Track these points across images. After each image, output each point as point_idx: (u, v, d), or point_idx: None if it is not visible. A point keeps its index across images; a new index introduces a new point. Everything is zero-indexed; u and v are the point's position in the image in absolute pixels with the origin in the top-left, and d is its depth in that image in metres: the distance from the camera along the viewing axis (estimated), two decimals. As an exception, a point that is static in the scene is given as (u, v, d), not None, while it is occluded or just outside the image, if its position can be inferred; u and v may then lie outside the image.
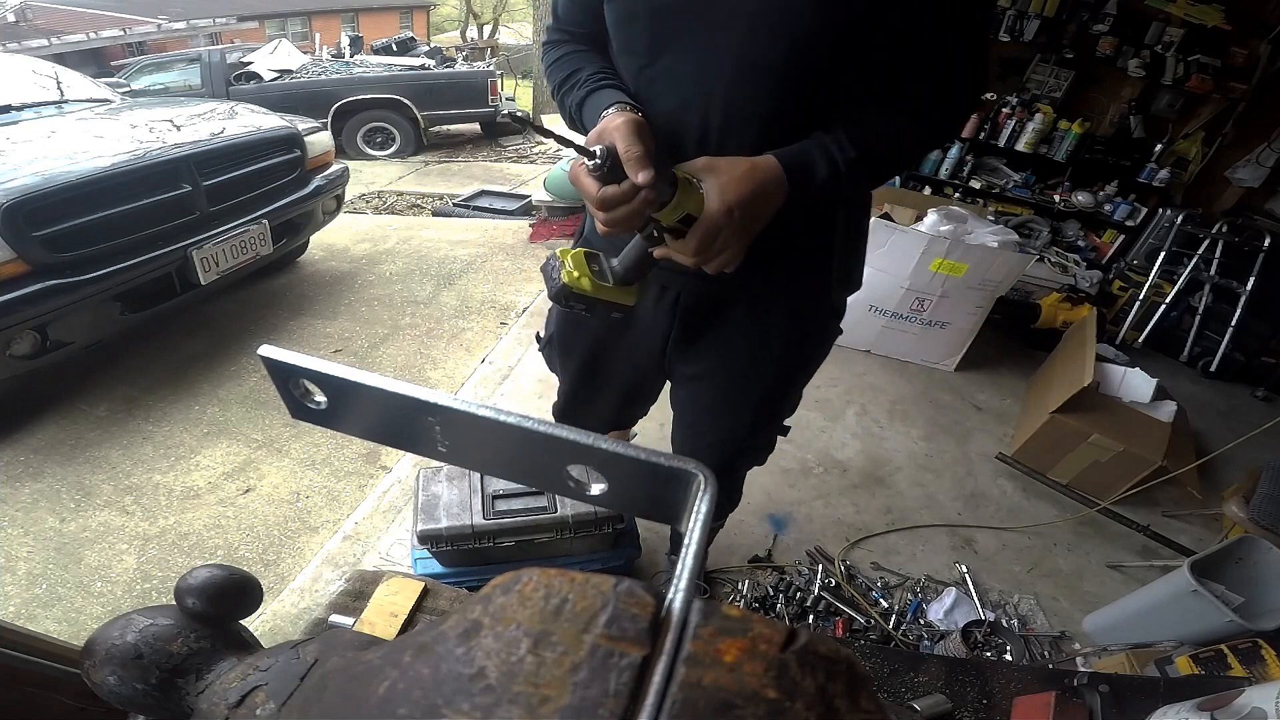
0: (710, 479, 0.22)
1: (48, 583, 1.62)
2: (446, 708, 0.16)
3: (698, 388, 1.01)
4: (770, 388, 0.99)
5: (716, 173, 0.65)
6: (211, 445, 2.09)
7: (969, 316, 2.57)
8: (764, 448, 1.14)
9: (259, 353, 0.28)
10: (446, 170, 6.18)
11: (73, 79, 3.00)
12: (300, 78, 6.34)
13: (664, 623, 0.17)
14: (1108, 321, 3.17)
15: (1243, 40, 3.10)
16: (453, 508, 1.36)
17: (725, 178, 0.65)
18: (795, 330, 0.93)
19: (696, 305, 0.90)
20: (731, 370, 0.96)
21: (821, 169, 0.69)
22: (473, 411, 0.25)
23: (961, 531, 1.91)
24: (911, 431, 2.34)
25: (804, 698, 0.15)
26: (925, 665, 0.97)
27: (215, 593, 0.39)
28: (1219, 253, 3.09)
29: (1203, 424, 2.58)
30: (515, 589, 0.18)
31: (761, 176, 0.66)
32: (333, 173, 3.01)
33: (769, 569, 1.73)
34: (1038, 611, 1.67)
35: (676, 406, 1.10)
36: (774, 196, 0.68)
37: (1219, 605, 1.24)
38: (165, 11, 10.27)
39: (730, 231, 0.66)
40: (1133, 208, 3.51)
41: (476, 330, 2.86)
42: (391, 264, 3.51)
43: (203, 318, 2.81)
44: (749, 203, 0.65)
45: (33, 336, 1.90)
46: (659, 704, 0.15)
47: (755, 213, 0.67)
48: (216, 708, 0.35)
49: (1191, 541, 1.94)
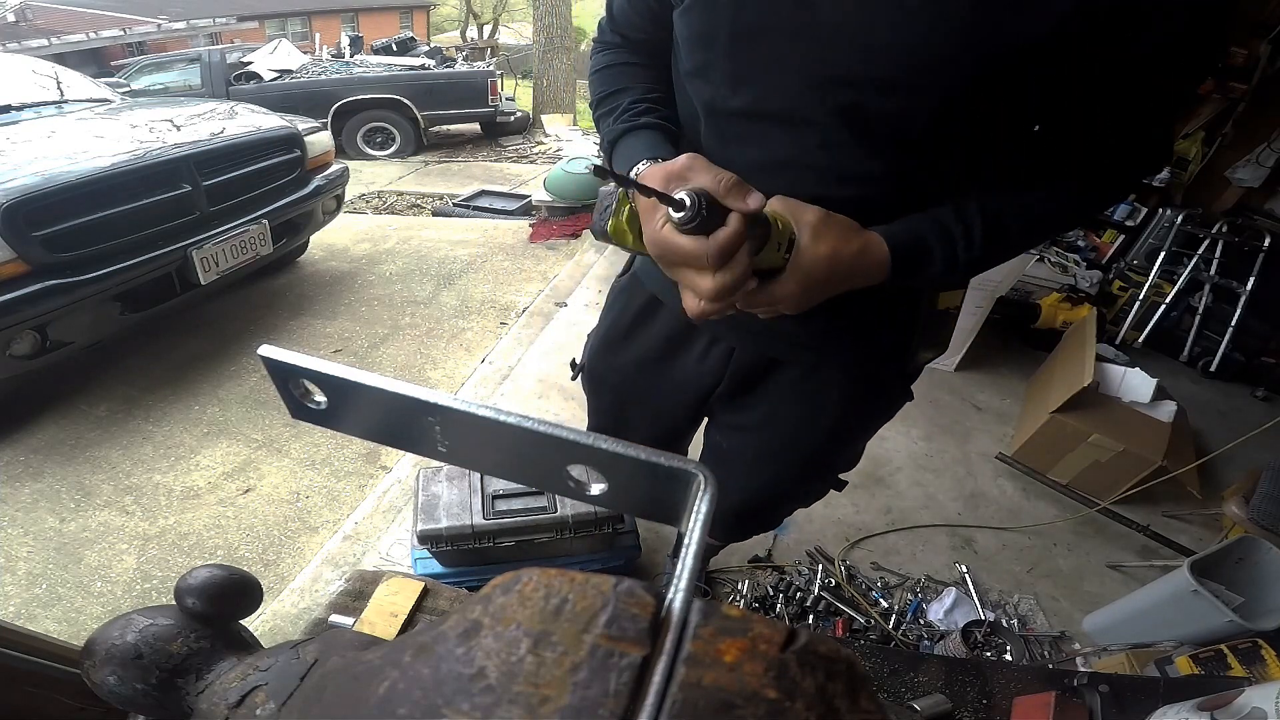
0: (710, 479, 0.22)
1: (48, 583, 1.62)
2: (446, 708, 0.16)
3: (740, 439, 0.92)
4: (820, 448, 0.89)
5: (820, 236, 0.53)
6: (211, 445, 2.09)
7: (969, 316, 2.56)
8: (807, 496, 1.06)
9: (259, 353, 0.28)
10: (446, 170, 6.18)
11: (73, 79, 3.00)
12: (300, 78, 6.34)
13: (664, 623, 0.17)
14: (1108, 321, 3.17)
15: (1243, 40, 3.09)
16: (453, 508, 1.36)
17: (831, 235, 0.53)
18: (857, 394, 0.81)
19: (752, 361, 0.81)
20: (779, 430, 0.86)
21: (936, 265, 0.57)
22: (473, 411, 0.25)
23: (961, 531, 1.91)
24: (911, 431, 2.34)
25: (804, 698, 0.15)
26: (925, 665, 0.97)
27: (215, 593, 0.39)
28: (1219, 253, 3.09)
29: (1203, 424, 2.58)
30: (515, 589, 0.18)
31: (861, 248, 0.55)
32: (333, 173, 3.01)
33: (769, 569, 1.73)
34: (1038, 611, 1.67)
35: (711, 448, 1.00)
36: (866, 275, 0.56)
37: (1219, 605, 1.24)
38: (165, 11, 10.27)
39: (804, 292, 0.55)
40: (1133, 208, 3.51)
41: (476, 330, 2.86)
42: (391, 264, 3.51)
43: (203, 318, 2.81)
44: (838, 274, 0.54)
45: (33, 336, 1.90)
46: (659, 704, 0.15)
47: (837, 285, 0.56)
48: (216, 708, 0.35)
49: (1191, 541, 1.94)
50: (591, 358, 1.00)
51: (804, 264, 0.53)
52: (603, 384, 1.01)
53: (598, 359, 0.98)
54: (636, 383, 0.93)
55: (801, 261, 0.53)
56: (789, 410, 0.84)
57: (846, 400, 0.82)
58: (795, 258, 0.53)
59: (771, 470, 0.93)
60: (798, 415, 0.84)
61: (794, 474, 0.94)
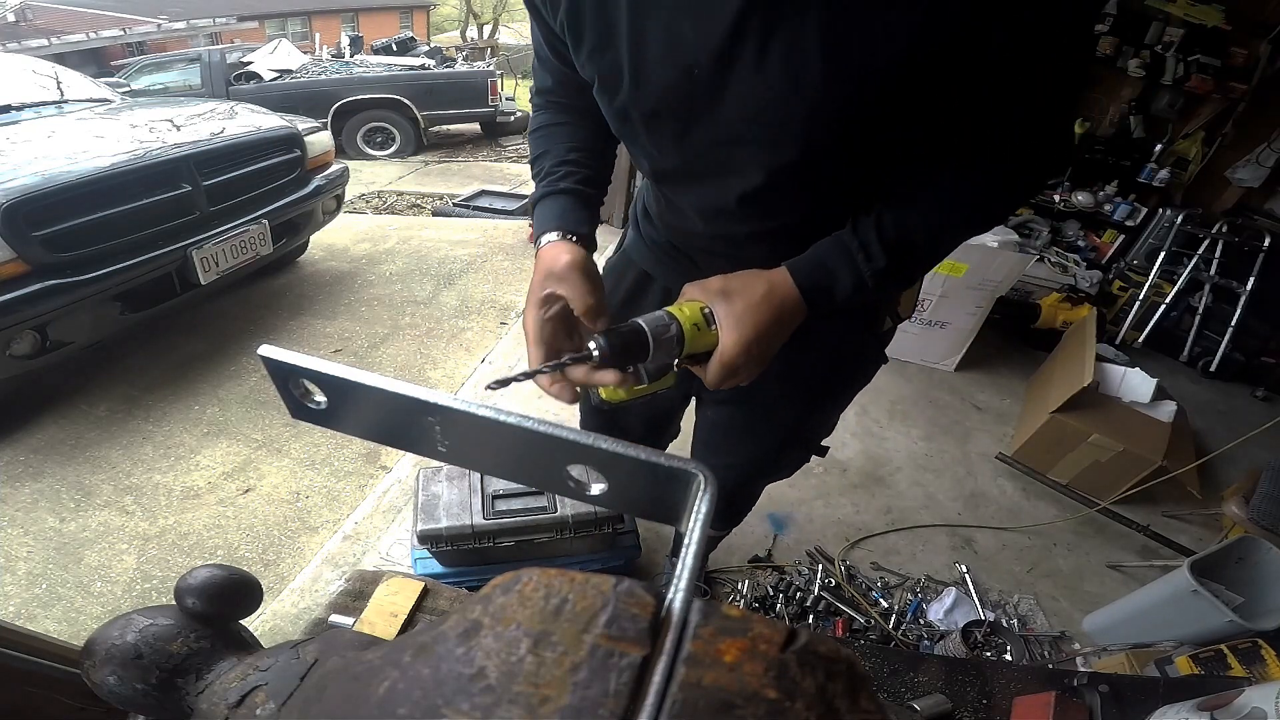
0: (710, 479, 0.22)
1: (48, 583, 1.61)
2: (446, 708, 0.16)
3: (722, 412, 0.97)
4: (799, 416, 0.94)
5: (731, 300, 0.59)
6: (211, 445, 2.09)
7: (969, 316, 2.57)
8: (787, 467, 1.10)
9: (259, 353, 0.28)
10: (446, 170, 6.18)
11: (73, 79, 3.00)
12: (300, 78, 6.34)
13: (664, 623, 0.17)
14: (1108, 321, 3.17)
15: (1243, 40, 3.10)
16: (453, 508, 1.36)
17: (741, 306, 0.59)
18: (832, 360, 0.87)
19: None
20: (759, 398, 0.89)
21: (844, 285, 0.62)
22: (473, 411, 0.25)
23: (961, 531, 1.91)
24: (911, 431, 2.33)
25: (804, 698, 0.15)
26: (925, 665, 0.97)
27: (215, 593, 0.39)
28: (1219, 253, 3.09)
29: (1203, 424, 2.58)
30: (515, 589, 0.18)
31: (779, 302, 0.60)
32: (333, 173, 3.01)
33: (769, 569, 1.73)
34: (1038, 611, 1.67)
35: (699, 425, 1.06)
36: (791, 322, 0.62)
37: (1219, 605, 1.24)
38: (165, 11, 10.27)
39: (749, 367, 0.61)
40: (1133, 208, 3.51)
41: (476, 330, 2.86)
42: (391, 264, 3.51)
43: (203, 318, 2.81)
44: (766, 336, 0.60)
45: (33, 336, 1.90)
46: (659, 704, 0.15)
47: (773, 343, 0.61)
48: (216, 708, 0.35)
49: (1191, 541, 1.94)
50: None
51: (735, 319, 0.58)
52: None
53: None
54: None
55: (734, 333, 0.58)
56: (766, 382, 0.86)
57: (825, 368, 0.87)
58: (722, 326, 0.59)
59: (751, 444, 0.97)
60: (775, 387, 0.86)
61: (772, 445, 0.98)
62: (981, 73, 0.52)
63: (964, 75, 0.52)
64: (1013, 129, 0.57)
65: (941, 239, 0.65)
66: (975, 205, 0.63)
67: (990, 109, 0.56)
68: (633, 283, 0.93)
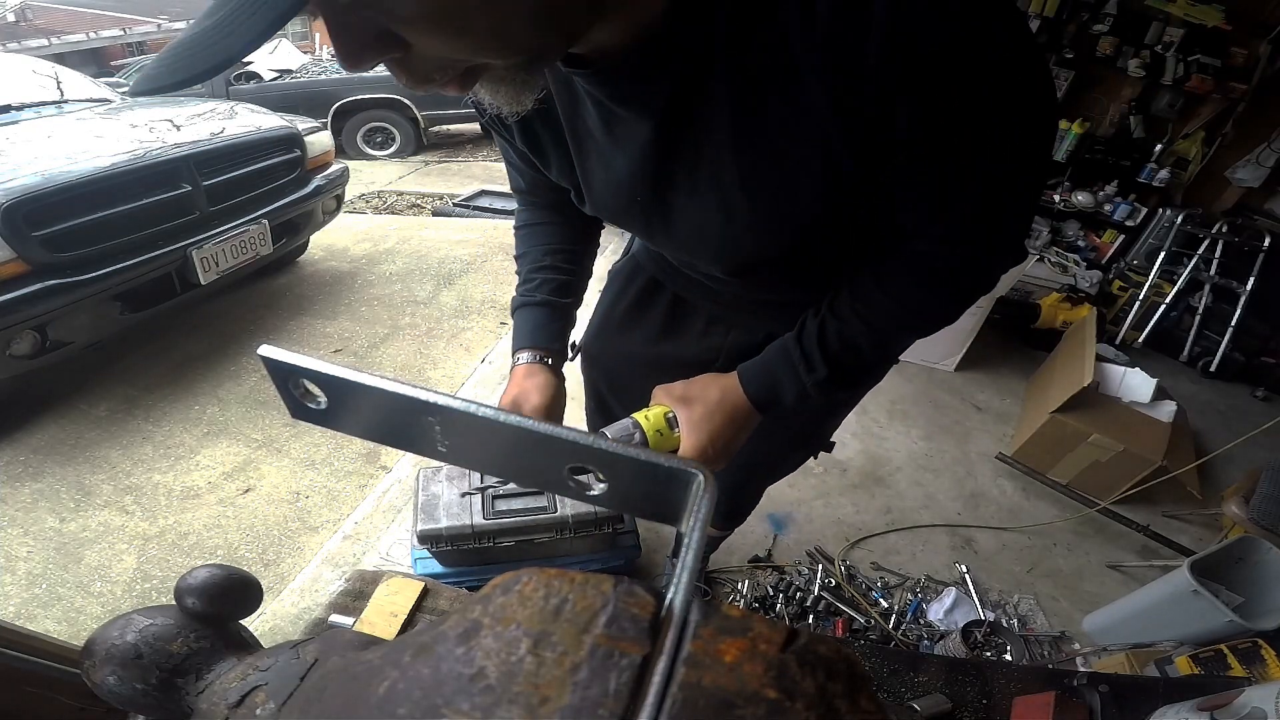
0: (710, 479, 0.22)
1: (48, 583, 1.61)
2: (446, 708, 0.16)
3: None
4: (811, 421, 0.95)
5: (690, 407, 0.67)
6: (211, 445, 2.09)
7: (969, 316, 2.56)
8: (790, 468, 1.12)
9: (259, 353, 0.28)
10: (446, 170, 6.18)
11: (73, 79, 3.00)
12: (300, 77, 6.34)
13: (664, 623, 0.17)
14: (1108, 321, 3.17)
15: (1243, 40, 3.09)
16: (453, 508, 1.36)
17: (699, 413, 0.66)
18: None
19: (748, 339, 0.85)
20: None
21: (789, 393, 0.67)
22: (473, 411, 0.25)
23: (961, 531, 1.91)
24: (911, 431, 2.33)
25: (804, 698, 0.15)
26: (925, 665, 0.97)
27: (215, 593, 0.39)
28: (1219, 253, 3.09)
29: (1203, 424, 2.58)
30: (515, 589, 0.18)
31: (730, 408, 0.67)
32: (333, 173, 3.01)
33: (769, 569, 1.72)
34: (1037, 611, 1.67)
35: None
36: (747, 424, 0.69)
37: (1219, 605, 1.24)
38: (165, 11, 10.26)
39: (711, 463, 0.66)
40: (1133, 208, 3.51)
41: (476, 330, 2.86)
42: (391, 264, 3.51)
43: (203, 318, 2.81)
44: (721, 439, 0.66)
45: (33, 336, 1.90)
46: (659, 704, 0.15)
47: (730, 444, 0.68)
48: (216, 708, 0.35)
49: (1191, 541, 1.94)
50: (591, 339, 1.03)
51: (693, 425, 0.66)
52: (597, 363, 1.04)
53: (597, 340, 1.02)
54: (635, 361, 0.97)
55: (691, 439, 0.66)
56: None
57: None
58: (682, 431, 0.66)
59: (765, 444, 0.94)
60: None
61: (784, 446, 1.00)
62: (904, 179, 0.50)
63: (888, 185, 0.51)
64: (953, 225, 0.54)
65: (888, 345, 0.69)
66: (921, 307, 0.63)
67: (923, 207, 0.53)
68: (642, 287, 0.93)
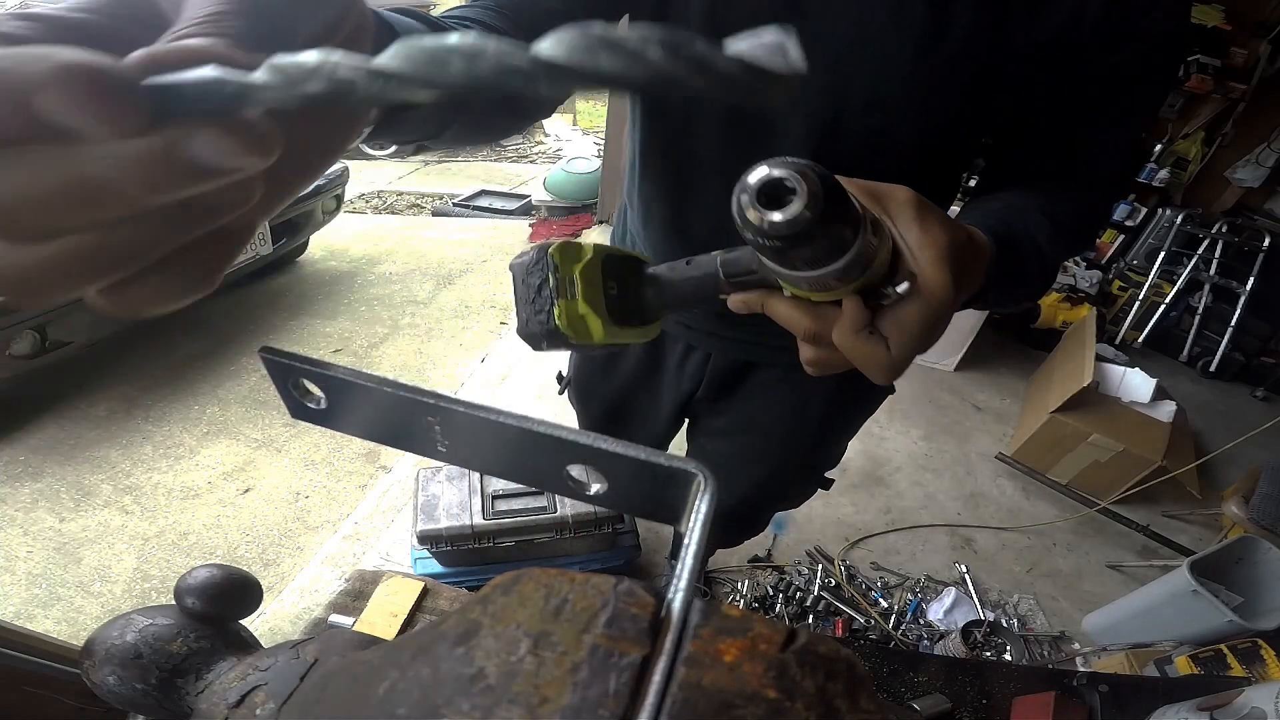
0: (710, 479, 0.22)
1: (48, 583, 1.61)
2: (446, 708, 0.16)
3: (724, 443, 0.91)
4: (806, 449, 0.89)
5: (925, 222, 0.34)
6: (211, 445, 2.09)
7: (968, 316, 2.57)
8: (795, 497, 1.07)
9: (259, 352, 0.28)
10: (446, 170, 6.18)
11: (72, 79, 3.00)
12: (300, 77, 6.34)
13: (664, 623, 0.17)
14: (1107, 321, 3.17)
15: (1243, 40, 3.10)
16: (453, 508, 1.36)
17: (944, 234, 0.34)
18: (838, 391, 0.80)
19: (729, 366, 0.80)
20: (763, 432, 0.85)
21: (1031, 266, 0.46)
22: (473, 412, 0.25)
23: (961, 531, 1.91)
24: (911, 431, 2.34)
25: (804, 698, 0.15)
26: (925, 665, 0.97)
27: (215, 593, 0.39)
28: (1219, 253, 3.09)
29: (1203, 424, 2.58)
30: (515, 589, 0.18)
31: (976, 250, 0.39)
32: (332, 172, 3.01)
33: (769, 569, 1.73)
34: (1037, 611, 1.67)
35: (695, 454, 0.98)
36: (971, 285, 0.38)
37: (1218, 605, 1.24)
38: (165, 11, 10.26)
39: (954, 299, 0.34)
40: (1132, 208, 3.51)
41: (476, 330, 2.86)
42: (391, 264, 3.51)
43: (203, 318, 2.81)
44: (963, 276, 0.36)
45: (32, 336, 1.90)
46: (659, 704, 0.15)
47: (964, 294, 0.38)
48: (216, 708, 0.35)
49: (1191, 541, 1.94)
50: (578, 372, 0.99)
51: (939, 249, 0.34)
52: (592, 398, 0.99)
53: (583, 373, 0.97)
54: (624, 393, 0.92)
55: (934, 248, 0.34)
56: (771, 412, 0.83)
57: (828, 398, 0.81)
58: (920, 249, 0.34)
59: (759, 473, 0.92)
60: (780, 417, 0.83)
61: (781, 476, 0.93)
62: (1098, 84, 0.51)
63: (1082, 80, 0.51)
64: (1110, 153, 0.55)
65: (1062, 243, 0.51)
66: (1089, 212, 0.56)
67: (1097, 122, 0.53)
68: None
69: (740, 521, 1.11)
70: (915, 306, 0.34)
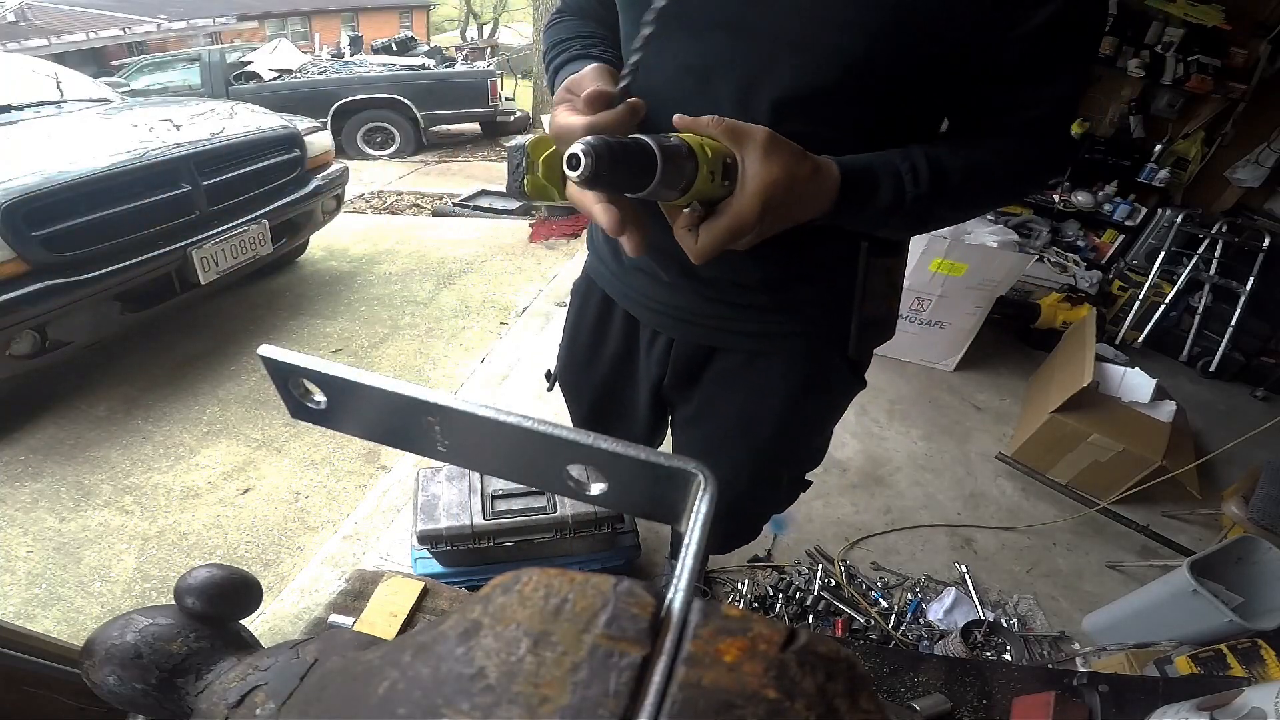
0: (710, 479, 0.22)
1: (47, 583, 1.61)
2: (446, 708, 0.16)
3: (692, 433, 0.92)
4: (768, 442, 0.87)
5: (768, 158, 0.48)
6: (211, 445, 2.09)
7: (968, 316, 2.57)
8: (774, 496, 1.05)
9: (259, 352, 0.28)
10: (446, 170, 6.18)
11: (73, 79, 3.00)
12: (300, 77, 6.34)
13: (664, 623, 0.17)
14: (1107, 321, 3.17)
15: (1243, 40, 3.10)
16: (452, 508, 1.36)
17: (775, 152, 0.48)
18: (800, 384, 0.80)
19: (690, 352, 0.81)
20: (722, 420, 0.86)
21: (883, 195, 0.55)
22: (473, 411, 0.25)
23: (961, 531, 1.91)
24: (911, 431, 2.33)
25: (804, 697, 0.15)
26: (925, 665, 0.97)
27: (215, 593, 0.39)
28: (1219, 253, 3.09)
29: (1202, 424, 2.58)
30: (515, 589, 0.18)
31: (813, 166, 0.51)
32: (332, 172, 3.01)
33: (769, 569, 1.72)
34: (1037, 611, 1.67)
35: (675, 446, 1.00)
36: (816, 198, 0.52)
37: (1218, 605, 1.24)
38: (165, 11, 10.26)
39: (761, 223, 0.50)
40: (1132, 208, 3.51)
41: (476, 330, 2.86)
42: (391, 264, 3.51)
43: (203, 318, 2.81)
44: (793, 193, 0.49)
45: (32, 336, 1.90)
46: (659, 704, 0.15)
47: (793, 208, 0.51)
48: (216, 708, 0.35)
49: (1191, 541, 1.94)
50: (564, 367, 1.00)
51: (761, 182, 0.48)
52: (580, 391, 1.00)
53: (569, 367, 0.99)
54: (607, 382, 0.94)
55: (758, 180, 0.48)
56: (730, 399, 0.84)
57: (791, 390, 0.81)
58: (749, 179, 0.48)
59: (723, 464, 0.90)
60: (740, 405, 0.83)
61: (748, 470, 0.91)
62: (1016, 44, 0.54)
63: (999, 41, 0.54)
64: (1040, 106, 0.59)
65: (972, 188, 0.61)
66: (1010, 165, 0.61)
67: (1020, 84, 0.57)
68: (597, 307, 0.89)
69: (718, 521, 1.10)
70: (723, 218, 0.50)
